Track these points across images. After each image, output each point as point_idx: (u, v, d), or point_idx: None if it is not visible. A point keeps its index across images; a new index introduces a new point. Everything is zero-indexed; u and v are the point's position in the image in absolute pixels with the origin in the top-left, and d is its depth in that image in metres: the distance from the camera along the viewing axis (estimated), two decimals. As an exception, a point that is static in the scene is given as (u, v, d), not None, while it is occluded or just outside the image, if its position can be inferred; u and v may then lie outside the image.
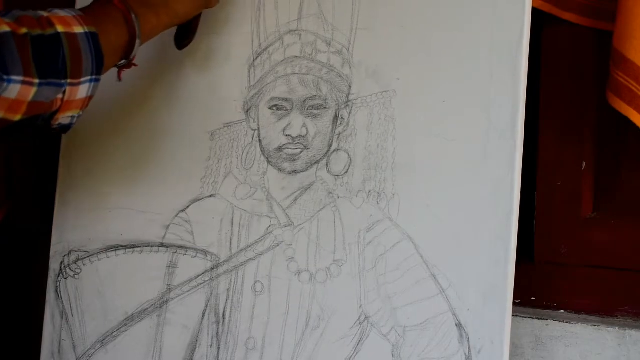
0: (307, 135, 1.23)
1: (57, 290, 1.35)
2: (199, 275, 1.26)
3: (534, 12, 1.16)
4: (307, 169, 1.23)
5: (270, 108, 1.25)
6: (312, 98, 1.23)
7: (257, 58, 1.27)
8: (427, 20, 1.17)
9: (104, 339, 1.31)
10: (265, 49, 1.26)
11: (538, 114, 1.33)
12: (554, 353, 1.24)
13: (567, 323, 1.24)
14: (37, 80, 0.92)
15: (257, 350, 1.22)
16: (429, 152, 1.15)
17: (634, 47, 1.14)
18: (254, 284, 1.23)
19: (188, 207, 1.29)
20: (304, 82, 1.23)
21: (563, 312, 1.30)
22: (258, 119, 1.26)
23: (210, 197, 1.28)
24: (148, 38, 1.12)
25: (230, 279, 1.24)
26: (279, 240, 1.22)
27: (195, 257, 1.27)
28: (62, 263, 1.35)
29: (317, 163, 1.22)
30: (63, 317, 1.34)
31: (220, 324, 1.24)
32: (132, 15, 1.06)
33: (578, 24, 1.29)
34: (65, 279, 1.34)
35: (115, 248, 1.32)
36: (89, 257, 1.33)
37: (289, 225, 1.22)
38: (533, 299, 1.33)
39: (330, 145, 1.22)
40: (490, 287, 1.10)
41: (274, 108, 1.25)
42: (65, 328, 1.34)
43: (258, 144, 1.26)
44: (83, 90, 0.99)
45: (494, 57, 1.12)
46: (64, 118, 1.00)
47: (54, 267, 1.36)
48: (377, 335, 1.16)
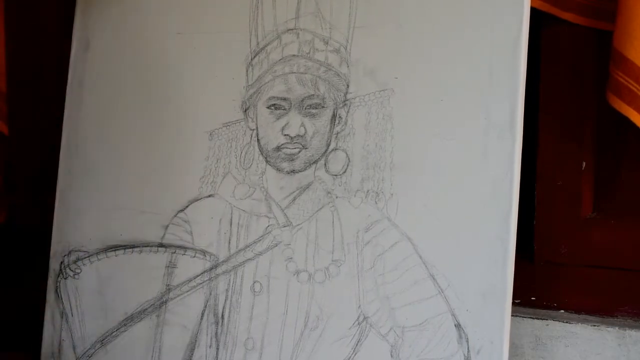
0: (305, 135, 1.22)
1: (57, 290, 1.35)
2: (198, 276, 1.26)
3: (533, 11, 1.16)
4: (305, 169, 1.23)
5: (269, 107, 1.25)
6: (310, 97, 1.23)
7: (254, 57, 1.27)
8: (425, 19, 1.17)
9: (104, 339, 1.31)
10: (263, 48, 1.26)
11: (538, 114, 1.33)
12: (554, 353, 1.24)
13: (567, 323, 1.24)
14: None
15: (256, 351, 1.22)
16: (428, 151, 1.15)
17: (634, 47, 1.14)
18: (253, 284, 1.23)
19: (187, 207, 1.29)
20: (302, 81, 1.23)
21: (563, 312, 1.29)
22: (256, 119, 1.26)
23: (209, 197, 1.28)
24: None
25: (229, 279, 1.24)
26: (278, 240, 1.22)
27: (194, 257, 1.27)
28: (62, 263, 1.35)
29: (315, 163, 1.22)
30: (63, 317, 1.34)
31: (219, 324, 1.24)
32: None
33: (578, 24, 1.28)
34: (65, 279, 1.35)
35: (115, 248, 1.32)
36: (89, 257, 1.34)
37: (288, 225, 1.22)
38: (533, 299, 1.32)
39: (329, 145, 1.22)
40: (490, 287, 1.09)
41: (272, 107, 1.25)
42: (65, 328, 1.34)
43: (256, 144, 1.26)
44: None
45: (493, 56, 1.12)
46: None
47: (54, 267, 1.36)
48: (375, 336, 1.16)
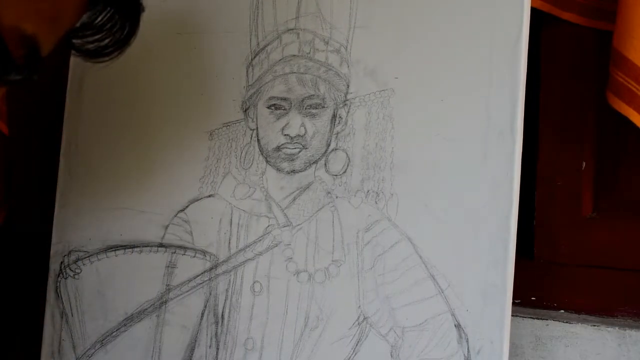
0: (305, 135, 1.22)
1: (57, 290, 1.35)
2: (198, 276, 1.26)
3: (534, 11, 1.16)
4: (305, 169, 1.23)
5: (269, 107, 1.25)
6: (310, 97, 1.22)
7: (255, 57, 1.27)
8: (425, 19, 1.16)
9: (104, 339, 1.31)
10: (263, 48, 1.26)
11: (538, 114, 1.33)
12: (554, 353, 1.24)
13: (567, 323, 1.24)
14: None
15: (255, 351, 1.22)
16: (428, 151, 1.15)
17: (634, 47, 1.14)
18: (253, 284, 1.23)
19: (187, 207, 1.29)
20: (302, 81, 1.23)
21: (563, 312, 1.29)
22: (256, 119, 1.26)
23: (209, 197, 1.28)
24: None
25: (229, 279, 1.24)
26: (278, 240, 1.22)
27: (194, 257, 1.27)
28: (62, 263, 1.35)
29: (315, 163, 1.22)
30: (63, 317, 1.34)
31: (219, 324, 1.24)
32: None
33: (578, 24, 1.28)
34: (65, 279, 1.34)
35: (115, 248, 1.32)
36: (89, 257, 1.33)
37: (288, 225, 1.22)
38: (533, 299, 1.32)
39: (329, 145, 1.21)
40: (490, 287, 1.09)
41: (272, 107, 1.24)
42: (65, 328, 1.34)
43: (257, 144, 1.26)
44: None
45: (493, 56, 1.12)
46: None
47: (54, 267, 1.36)
48: (375, 336, 1.16)
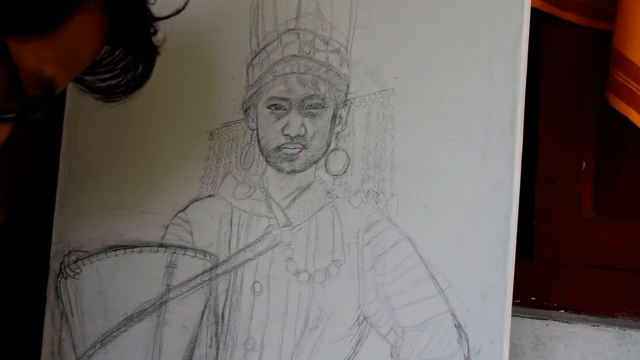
0: (305, 135, 1.22)
1: (57, 291, 1.35)
2: (198, 276, 1.26)
3: (534, 12, 1.16)
4: (305, 169, 1.23)
5: (269, 107, 1.25)
6: (310, 97, 1.22)
7: (255, 57, 1.27)
8: (425, 19, 1.16)
9: (104, 339, 1.31)
10: (264, 48, 1.26)
11: (538, 114, 1.33)
12: (554, 353, 1.24)
13: (567, 323, 1.24)
14: None
15: (256, 351, 1.22)
16: (428, 151, 1.15)
17: (634, 47, 1.14)
18: (253, 284, 1.23)
19: (187, 207, 1.29)
20: (302, 81, 1.23)
21: (563, 312, 1.29)
22: (257, 119, 1.26)
23: (209, 197, 1.28)
24: None
25: (229, 279, 1.24)
26: (278, 240, 1.22)
27: (195, 257, 1.27)
28: (62, 263, 1.35)
29: (315, 163, 1.22)
30: (63, 317, 1.34)
31: (219, 324, 1.24)
32: None
33: (578, 24, 1.29)
34: (65, 279, 1.34)
35: (115, 248, 1.32)
36: (89, 257, 1.33)
37: (288, 225, 1.22)
38: (533, 299, 1.32)
39: (329, 145, 1.21)
40: (490, 287, 1.09)
41: (273, 107, 1.24)
42: (65, 328, 1.34)
43: (257, 144, 1.26)
44: None
45: (493, 56, 1.12)
46: None
47: (54, 267, 1.36)
48: (376, 336, 1.16)
